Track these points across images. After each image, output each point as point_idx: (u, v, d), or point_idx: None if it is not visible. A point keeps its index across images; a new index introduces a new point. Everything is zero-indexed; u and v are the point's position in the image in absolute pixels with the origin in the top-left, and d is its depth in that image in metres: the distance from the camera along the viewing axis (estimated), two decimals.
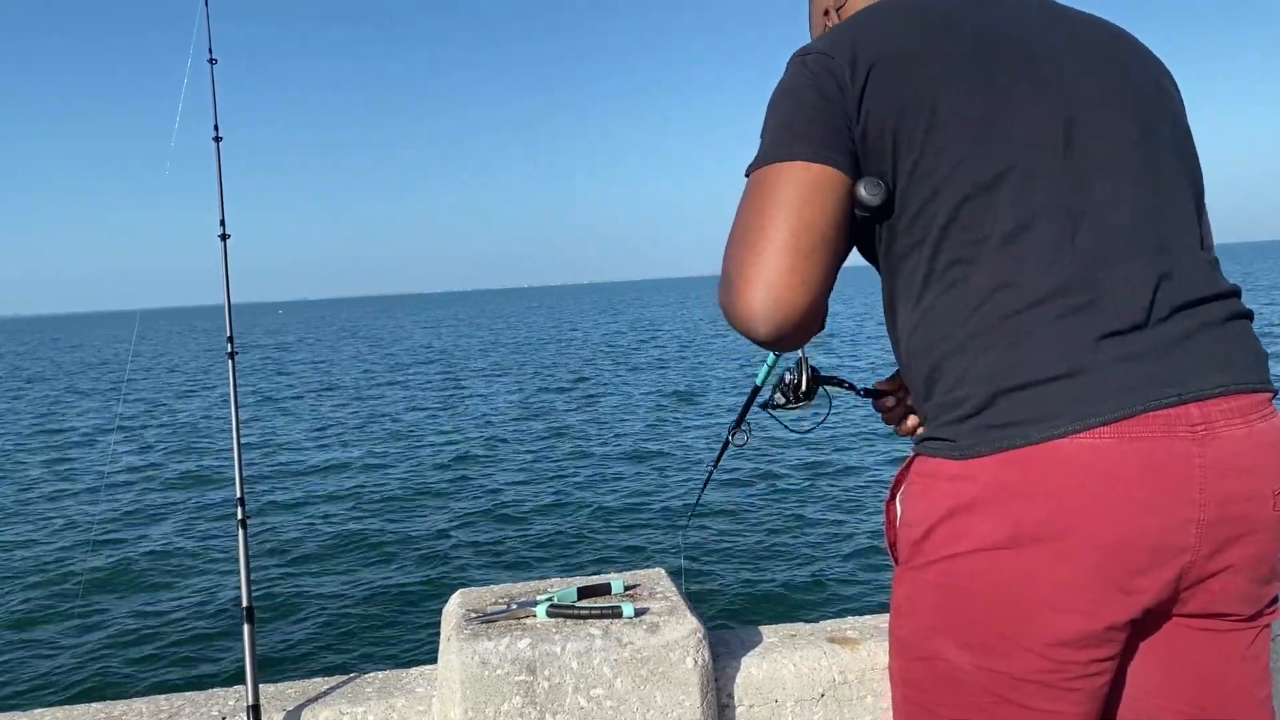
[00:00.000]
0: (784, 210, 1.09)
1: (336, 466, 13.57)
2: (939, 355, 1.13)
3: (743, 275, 1.09)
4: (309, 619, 7.22)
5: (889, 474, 11.06)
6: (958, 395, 1.10)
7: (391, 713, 1.75)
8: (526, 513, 10.20)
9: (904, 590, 1.18)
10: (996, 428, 1.06)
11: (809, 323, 1.12)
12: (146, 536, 9.97)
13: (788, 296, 1.08)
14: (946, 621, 1.12)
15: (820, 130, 1.12)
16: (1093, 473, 1.02)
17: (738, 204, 1.16)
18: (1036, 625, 1.05)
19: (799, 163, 1.10)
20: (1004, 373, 1.06)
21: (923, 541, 1.13)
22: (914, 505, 1.16)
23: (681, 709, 1.65)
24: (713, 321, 51.77)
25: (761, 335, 1.09)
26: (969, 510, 1.07)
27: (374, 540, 9.38)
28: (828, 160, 1.11)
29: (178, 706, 1.80)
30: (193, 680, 6.09)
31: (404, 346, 44.52)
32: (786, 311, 1.08)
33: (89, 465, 14.99)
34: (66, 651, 6.85)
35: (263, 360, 38.17)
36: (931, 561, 1.12)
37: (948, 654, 1.11)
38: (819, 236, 1.09)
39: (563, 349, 36.58)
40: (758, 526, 9.19)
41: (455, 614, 1.77)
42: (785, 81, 1.19)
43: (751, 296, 1.08)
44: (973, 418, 1.08)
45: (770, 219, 1.09)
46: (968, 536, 1.08)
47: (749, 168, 1.16)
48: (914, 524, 1.16)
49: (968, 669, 1.10)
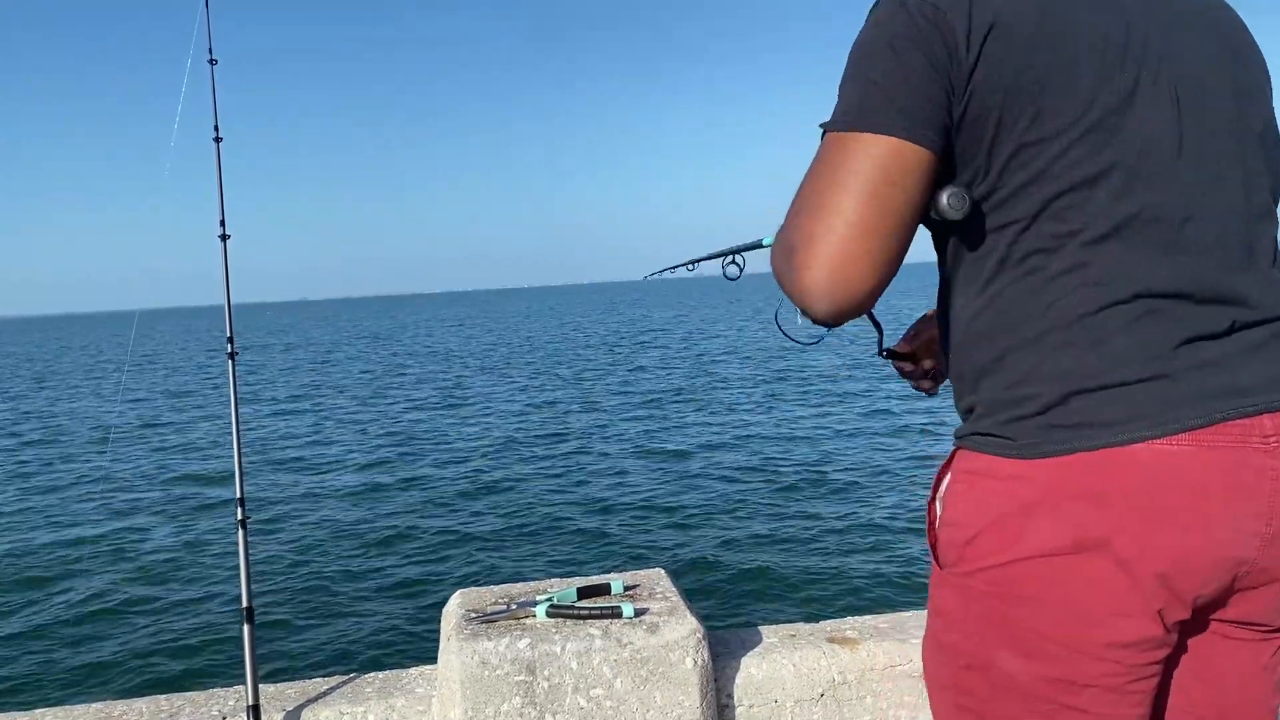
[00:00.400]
0: (866, 188, 1.00)
1: (336, 467, 13.57)
2: (1003, 346, 1.07)
3: (810, 249, 1.01)
4: (309, 619, 7.22)
5: (889, 474, 11.06)
6: (1022, 392, 1.05)
7: (391, 713, 1.75)
8: (526, 513, 10.20)
9: (949, 595, 1.12)
10: (1065, 428, 1.02)
11: (868, 307, 1.06)
12: (147, 536, 9.97)
13: (856, 281, 1.00)
14: (1001, 630, 1.06)
15: (920, 102, 1.01)
16: (1169, 480, 0.99)
17: (811, 164, 1.05)
18: (1098, 631, 1.02)
19: (893, 139, 1.00)
20: (1080, 372, 1.02)
21: (970, 544, 1.08)
22: (959, 505, 1.10)
23: (681, 709, 1.65)
24: (714, 321, 51.79)
25: (817, 313, 1.03)
26: (1026, 513, 1.03)
27: (374, 540, 9.38)
28: (924, 141, 1.01)
29: (178, 706, 1.80)
30: (193, 680, 6.09)
31: (404, 346, 44.52)
32: (851, 295, 1.01)
33: (89, 465, 14.99)
34: (67, 651, 6.85)
35: (263, 360, 38.17)
36: (982, 568, 1.06)
37: (1003, 662, 1.07)
38: (897, 222, 1.01)
39: (563, 349, 36.58)
40: (758, 526, 9.18)
41: (455, 614, 1.77)
42: (882, 26, 1.04)
43: (816, 273, 1.00)
44: (1038, 416, 1.03)
45: (849, 194, 1.00)
46: (1024, 541, 1.03)
47: (829, 124, 1.05)
48: (959, 525, 1.10)
49: (1025, 678, 1.05)
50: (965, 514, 1.09)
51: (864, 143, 1.01)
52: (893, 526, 8.98)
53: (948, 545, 1.12)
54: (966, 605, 1.10)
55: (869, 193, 1.00)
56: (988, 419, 1.09)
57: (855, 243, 0.99)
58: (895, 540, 8.54)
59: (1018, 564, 1.04)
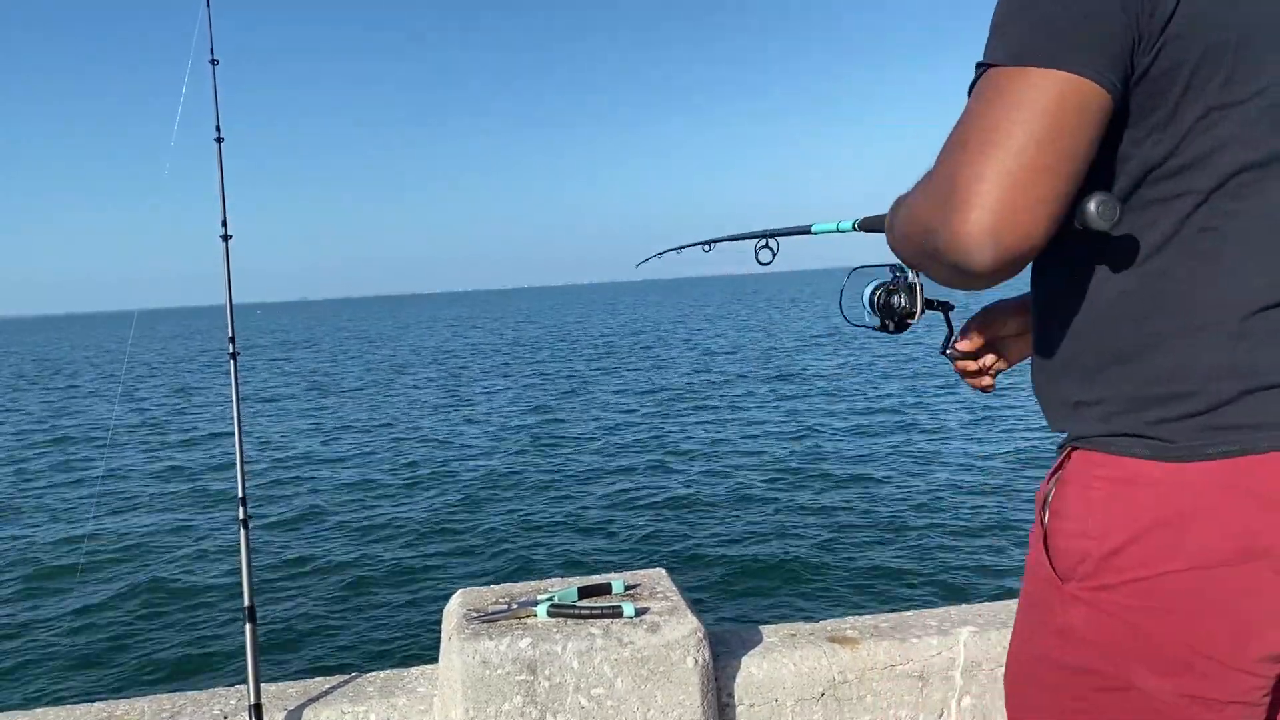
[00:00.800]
0: (1046, 126, 0.88)
1: (338, 466, 13.58)
2: (1157, 332, 0.97)
3: (975, 189, 0.89)
4: (310, 618, 7.23)
5: (890, 474, 11.06)
6: (1181, 388, 0.96)
7: (393, 712, 1.76)
8: (527, 512, 10.21)
9: (1081, 612, 1.01)
10: (1232, 429, 0.94)
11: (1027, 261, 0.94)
12: (148, 537, 9.98)
13: (1029, 226, 0.88)
14: (1143, 647, 0.99)
15: (1105, 41, 0.90)
16: None
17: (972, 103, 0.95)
18: (1255, 644, 0.96)
19: (1076, 76, 0.89)
20: (1258, 369, 0.94)
21: (1114, 557, 0.98)
22: (1097, 514, 1.00)
23: (682, 708, 1.66)
24: (714, 320, 51.76)
25: (977, 263, 0.90)
26: (1184, 522, 0.95)
27: (375, 540, 9.40)
28: (1106, 84, 0.90)
29: (180, 705, 1.80)
30: (194, 679, 6.10)
31: (405, 346, 44.54)
32: (1020, 244, 0.89)
33: (89, 465, 15.00)
34: (67, 651, 6.86)
35: (263, 361, 38.17)
36: (1127, 581, 0.98)
37: (1143, 682, 0.99)
38: (1073, 169, 0.90)
39: (564, 349, 36.59)
40: (758, 526, 9.19)
41: (456, 613, 1.78)
42: None
43: (982, 216, 0.88)
44: (1200, 415, 0.95)
45: (1025, 131, 0.88)
46: (1181, 552, 0.95)
47: (995, 57, 0.94)
48: (1098, 535, 1.00)
49: (1166, 697, 0.98)
50: (1105, 524, 0.99)
51: (1044, 78, 0.90)
52: (893, 526, 8.99)
53: (1078, 557, 1.01)
54: (1103, 622, 1.00)
55: (1050, 131, 0.89)
56: (1126, 416, 0.99)
57: (1031, 186, 0.88)
58: (896, 540, 8.55)
59: (1172, 576, 0.96)
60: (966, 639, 1.90)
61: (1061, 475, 1.06)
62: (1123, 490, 0.99)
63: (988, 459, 11.77)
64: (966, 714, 1.88)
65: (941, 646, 1.89)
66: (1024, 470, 11.04)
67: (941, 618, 2.01)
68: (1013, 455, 11.92)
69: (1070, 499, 1.03)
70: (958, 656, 1.88)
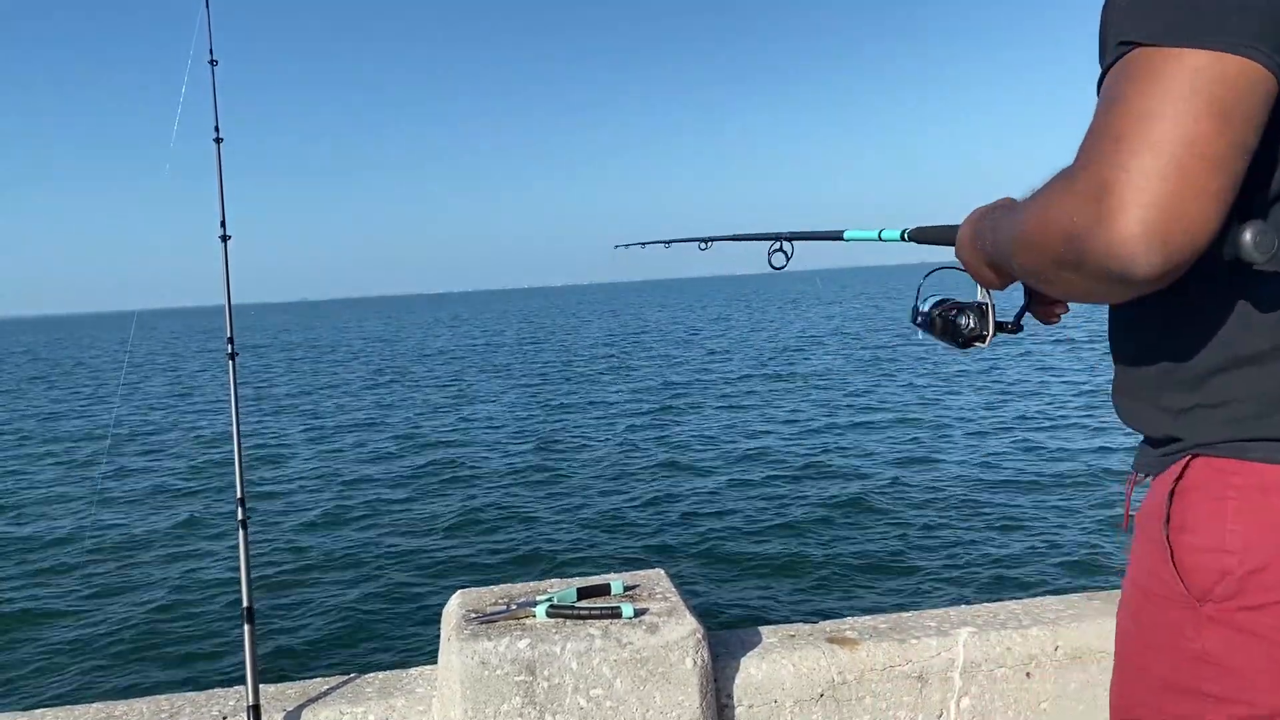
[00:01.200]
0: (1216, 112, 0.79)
1: (337, 467, 13.58)
2: None
3: (1138, 185, 0.79)
4: (309, 619, 7.23)
5: (889, 475, 11.05)
6: None
7: (392, 713, 1.76)
8: (526, 513, 10.21)
9: (1220, 635, 0.94)
10: None
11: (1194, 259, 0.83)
12: (147, 537, 9.98)
13: (1199, 223, 0.79)
14: None
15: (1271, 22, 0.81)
16: None
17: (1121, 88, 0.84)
18: None
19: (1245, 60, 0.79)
20: None
21: (1259, 574, 0.91)
22: (1237, 526, 0.93)
23: (681, 709, 1.66)
24: (714, 320, 51.78)
25: (1141, 270, 0.80)
26: None
27: (374, 540, 9.39)
28: (1275, 69, 0.80)
29: (178, 706, 1.80)
30: (193, 680, 6.10)
31: (405, 347, 44.54)
32: (1191, 242, 0.79)
33: (88, 465, 14.99)
34: (67, 651, 6.86)
35: (264, 361, 38.18)
36: (1276, 601, 0.90)
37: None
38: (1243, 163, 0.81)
39: (563, 350, 36.59)
40: (757, 527, 9.19)
41: (455, 614, 1.78)
42: None
43: (1146, 215, 0.78)
44: None
45: (1192, 118, 0.79)
46: None
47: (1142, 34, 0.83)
48: (1239, 550, 0.92)
49: None
50: (1246, 538, 0.92)
51: (1204, 59, 0.80)
52: (893, 527, 8.99)
53: (1216, 576, 0.94)
54: (1249, 646, 0.92)
55: (1220, 117, 0.79)
56: (1262, 420, 0.92)
57: (1201, 178, 0.78)
58: (895, 541, 8.55)
59: None
60: (966, 640, 1.90)
61: (1182, 484, 0.97)
62: (1264, 500, 0.91)
63: (988, 459, 11.78)
64: (965, 715, 1.88)
65: (941, 647, 1.89)
66: (1024, 470, 11.04)
67: (941, 619, 2.01)
68: (1013, 455, 11.93)
69: (1198, 511, 0.96)
70: (957, 657, 1.88)
